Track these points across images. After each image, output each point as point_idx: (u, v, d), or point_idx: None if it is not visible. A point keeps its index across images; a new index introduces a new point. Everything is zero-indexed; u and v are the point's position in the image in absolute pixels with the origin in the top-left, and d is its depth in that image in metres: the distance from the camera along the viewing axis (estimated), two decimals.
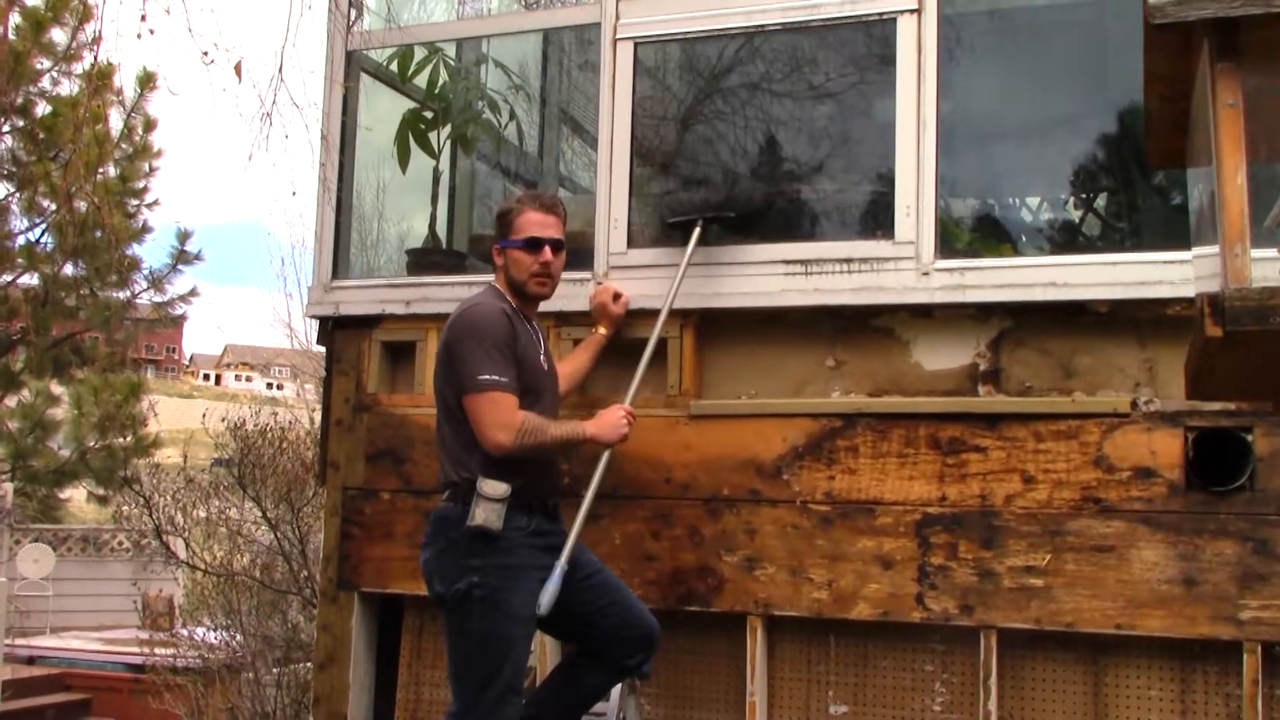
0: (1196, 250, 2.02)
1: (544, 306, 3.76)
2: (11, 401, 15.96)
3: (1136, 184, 4.02)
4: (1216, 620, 3.39)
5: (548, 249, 3.56)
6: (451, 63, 4.92)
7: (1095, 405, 3.57)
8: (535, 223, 3.58)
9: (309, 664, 6.31)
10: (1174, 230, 3.62)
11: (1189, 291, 3.17)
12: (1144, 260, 3.54)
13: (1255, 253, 1.57)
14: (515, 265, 3.58)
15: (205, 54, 4.65)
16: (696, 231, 3.93)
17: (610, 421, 3.60)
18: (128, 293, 15.53)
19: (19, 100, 14.14)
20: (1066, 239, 4.19)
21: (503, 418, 3.35)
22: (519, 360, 3.45)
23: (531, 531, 3.41)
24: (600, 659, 3.55)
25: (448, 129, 4.92)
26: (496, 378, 3.36)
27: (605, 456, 3.67)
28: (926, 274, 3.74)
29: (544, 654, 3.98)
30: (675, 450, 3.95)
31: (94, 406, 15.73)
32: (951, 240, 3.89)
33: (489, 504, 3.32)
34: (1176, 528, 3.45)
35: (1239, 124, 1.57)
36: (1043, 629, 3.55)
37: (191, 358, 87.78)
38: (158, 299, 15.95)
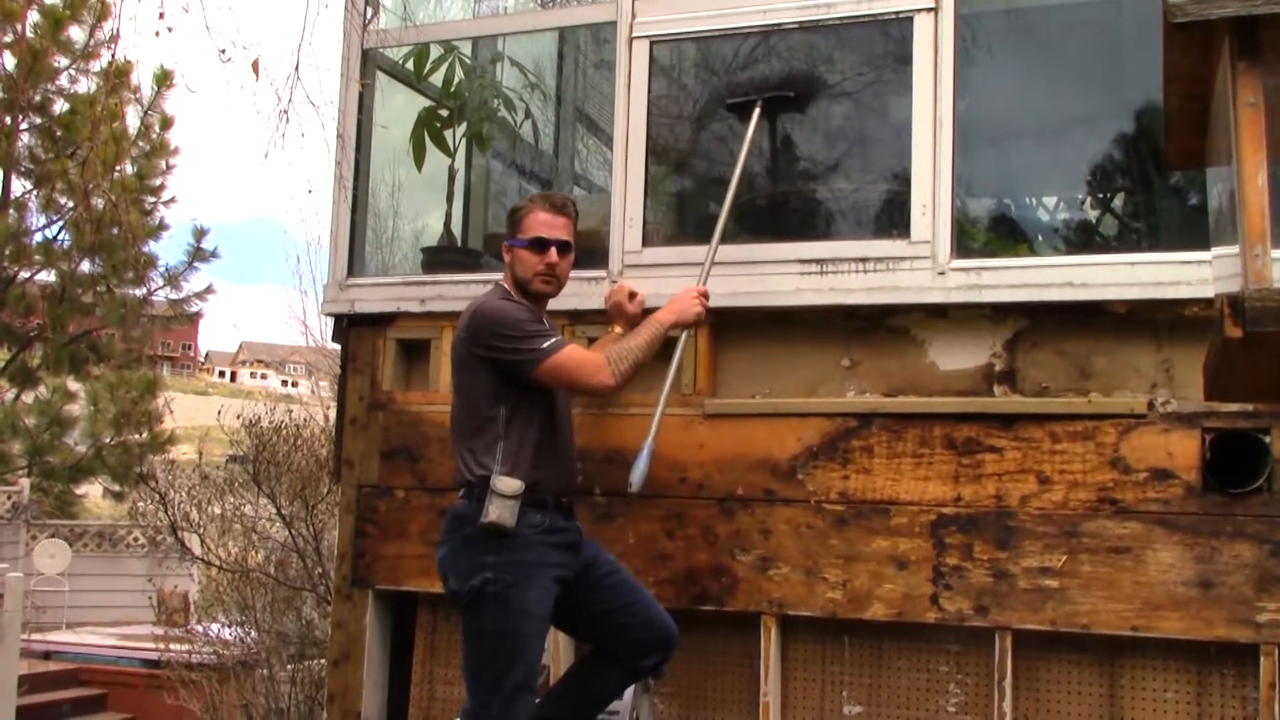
0: (1216, 251, 2.01)
1: (558, 305, 3.76)
2: (28, 398, 16.05)
3: (1154, 184, 4.00)
4: (1233, 623, 3.37)
5: (553, 250, 3.55)
6: (467, 61, 4.92)
7: (1112, 406, 3.56)
8: (543, 223, 3.56)
9: (323, 661, 6.33)
10: (1192, 230, 3.60)
11: (1207, 292, 3.15)
12: (1162, 260, 3.52)
13: (1276, 253, 1.55)
14: (521, 264, 3.57)
15: (223, 52, 4.67)
16: (756, 112, 3.87)
17: (684, 304, 3.63)
18: (144, 290, 15.64)
19: (37, 98, 14.23)
20: (1083, 239, 4.17)
21: (588, 364, 3.41)
22: None
23: (546, 529, 3.41)
24: (616, 659, 3.55)
25: (463, 127, 4.93)
26: (555, 339, 3.41)
27: (682, 340, 3.70)
28: (942, 273, 3.72)
29: (557, 652, 3.98)
30: (690, 449, 3.94)
31: (110, 403, 15.81)
32: (968, 240, 3.87)
33: (502, 501, 3.32)
34: (1193, 529, 3.43)
35: (1260, 123, 1.56)
36: (1058, 630, 3.53)
37: (207, 355, 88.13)
38: (174, 296, 16.06)
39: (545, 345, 3.38)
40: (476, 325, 3.45)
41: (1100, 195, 4.20)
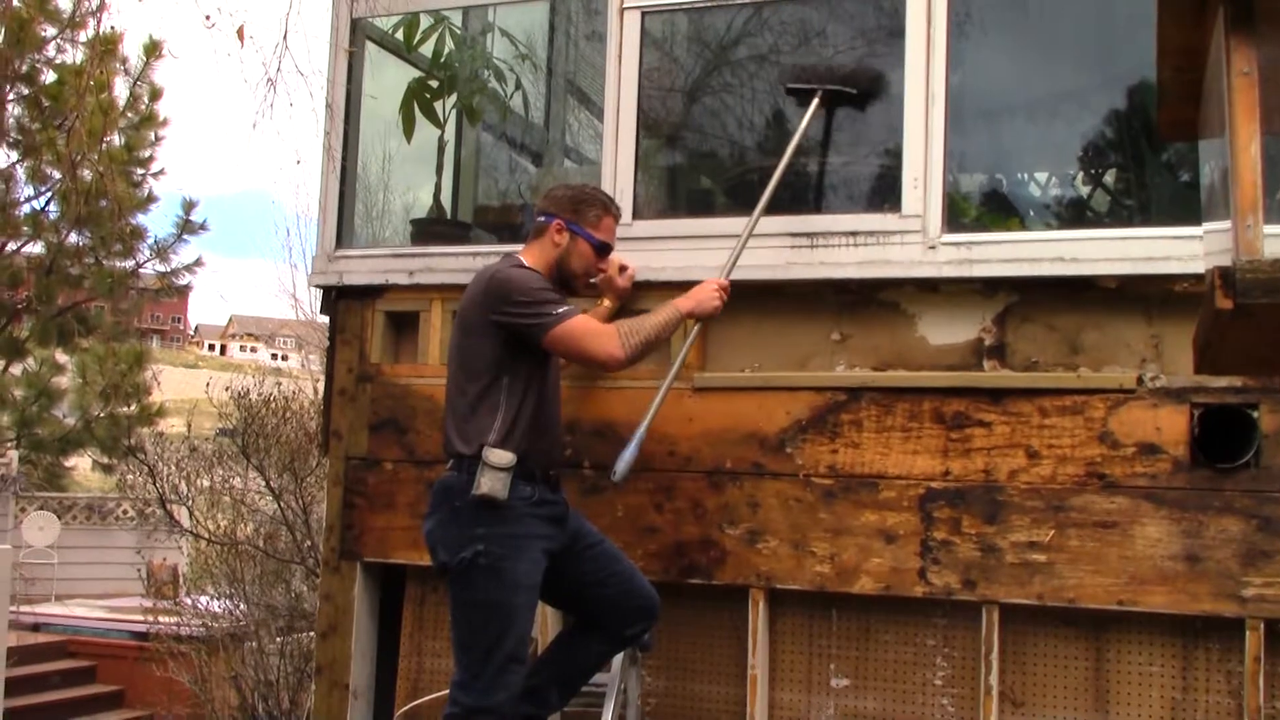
0: (1208, 225, 2.00)
1: None
2: (16, 370, 15.99)
3: (1146, 159, 3.99)
4: (1219, 597, 3.38)
5: (607, 259, 3.68)
6: (457, 31, 4.88)
7: (1101, 381, 3.56)
8: (612, 230, 3.67)
9: (312, 633, 6.34)
10: (1183, 206, 3.59)
11: (1197, 267, 3.15)
12: (1153, 235, 3.52)
13: (1268, 229, 1.54)
14: (579, 257, 3.60)
15: (208, 18, 4.63)
16: (814, 104, 3.81)
17: (705, 295, 3.61)
18: (132, 262, 15.54)
19: (24, 68, 14.10)
20: (1075, 214, 4.16)
21: (601, 334, 3.41)
22: None
23: (535, 501, 3.41)
24: (600, 629, 3.56)
25: (453, 98, 4.89)
26: (569, 307, 3.41)
27: (694, 331, 3.69)
28: (933, 248, 3.71)
29: (545, 625, 3.98)
30: (679, 423, 3.94)
31: (99, 375, 15.75)
32: (959, 214, 3.87)
33: (494, 473, 3.32)
34: (1181, 504, 3.44)
35: (1253, 94, 1.55)
36: (1045, 604, 3.54)
37: (196, 328, 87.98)
38: (162, 268, 15.96)
39: (559, 311, 3.38)
40: (494, 290, 3.43)
41: (1092, 170, 4.18)
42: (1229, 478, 3.41)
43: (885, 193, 3.89)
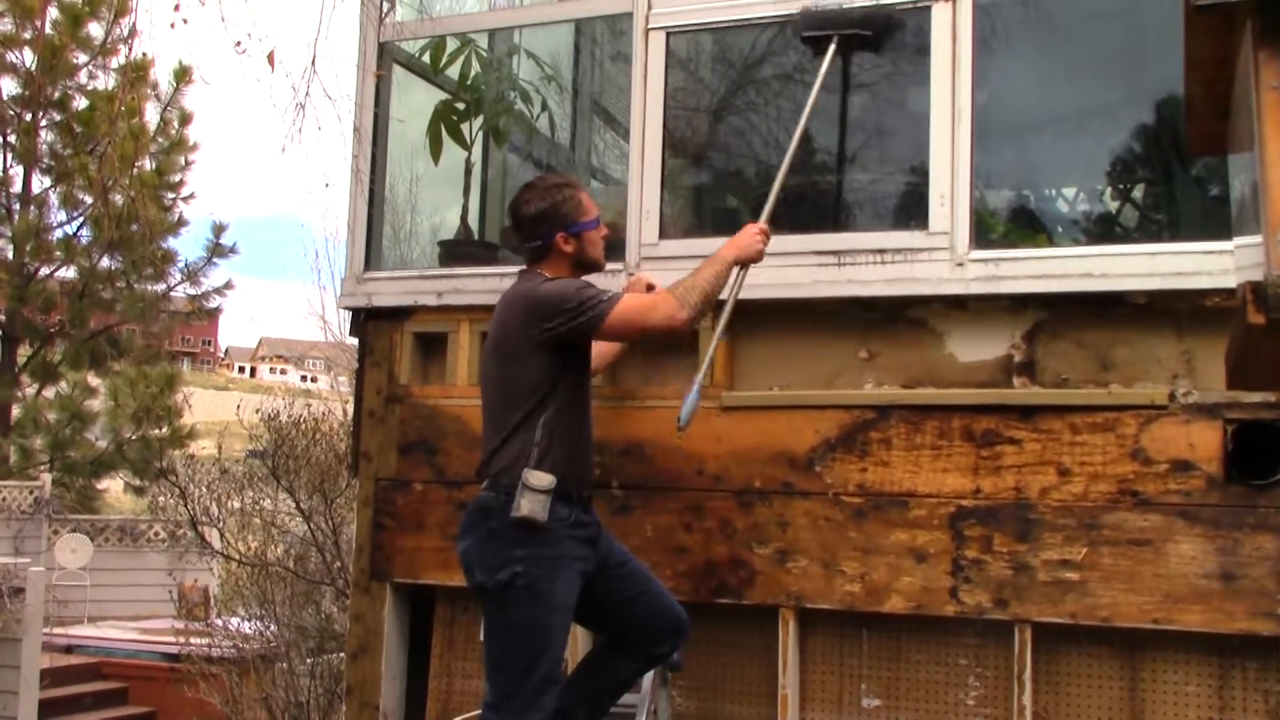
0: (1239, 240, 1.99)
1: None
2: (49, 393, 16.16)
3: (1175, 174, 3.96)
4: (1256, 615, 3.34)
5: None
6: (483, 54, 4.91)
7: (1132, 397, 3.53)
8: (589, 197, 3.65)
9: (342, 654, 6.35)
10: (1213, 220, 3.56)
11: (1228, 282, 3.13)
12: (1183, 251, 3.49)
13: None
14: (592, 245, 3.60)
15: (238, 44, 4.68)
16: (831, 49, 3.80)
17: (748, 240, 3.62)
18: (163, 285, 15.72)
19: (56, 94, 14.29)
20: (1103, 230, 4.14)
21: (656, 305, 3.42)
22: None
23: (572, 523, 3.40)
24: (629, 648, 3.55)
25: (480, 120, 4.92)
26: (614, 293, 3.42)
27: (741, 275, 3.66)
28: (961, 265, 3.70)
29: (575, 645, 3.97)
30: (707, 442, 3.93)
31: (130, 398, 15.90)
32: (986, 231, 3.85)
33: (534, 495, 3.31)
34: (1215, 521, 3.40)
35: None
36: (1078, 623, 3.51)
37: (227, 350, 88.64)
38: (193, 291, 16.14)
39: (606, 298, 3.39)
40: (536, 308, 3.41)
41: (1120, 185, 4.16)
42: (1264, 494, 3.37)
43: (912, 210, 3.88)
